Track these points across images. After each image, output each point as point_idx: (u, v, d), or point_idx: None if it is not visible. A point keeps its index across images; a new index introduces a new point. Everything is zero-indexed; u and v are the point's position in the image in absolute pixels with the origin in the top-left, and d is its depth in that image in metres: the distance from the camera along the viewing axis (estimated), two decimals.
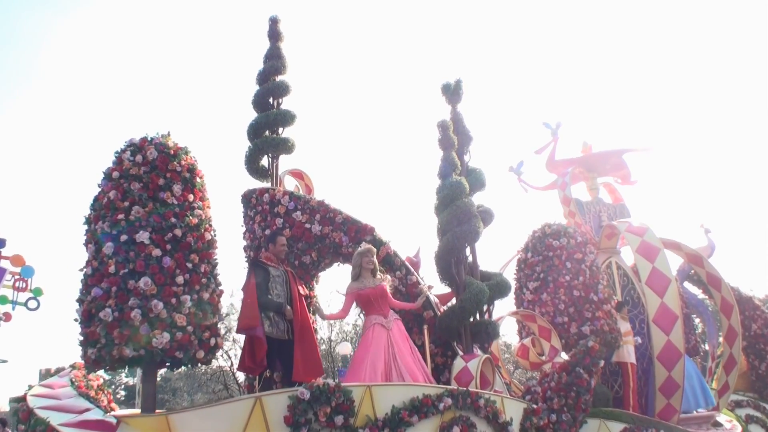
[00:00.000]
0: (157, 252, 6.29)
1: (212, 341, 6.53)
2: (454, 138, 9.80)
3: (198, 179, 6.92)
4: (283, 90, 10.03)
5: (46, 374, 55.41)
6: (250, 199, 9.43)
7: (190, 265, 6.45)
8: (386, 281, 8.25)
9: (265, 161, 9.92)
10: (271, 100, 10.06)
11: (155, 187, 6.56)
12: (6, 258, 18.26)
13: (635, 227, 10.99)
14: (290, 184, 9.90)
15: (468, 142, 10.18)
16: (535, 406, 7.83)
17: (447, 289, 9.46)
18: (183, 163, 6.81)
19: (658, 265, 10.30)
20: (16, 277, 18.37)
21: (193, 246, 6.54)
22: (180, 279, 6.32)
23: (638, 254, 10.49)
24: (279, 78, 10.12)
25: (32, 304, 18.35)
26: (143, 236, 6.28)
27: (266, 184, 9.72)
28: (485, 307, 9.20)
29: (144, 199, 6.47)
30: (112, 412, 6.63)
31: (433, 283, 9.10)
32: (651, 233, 10.68)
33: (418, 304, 8.37)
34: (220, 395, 33.20)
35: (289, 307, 7.73)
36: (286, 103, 10.13)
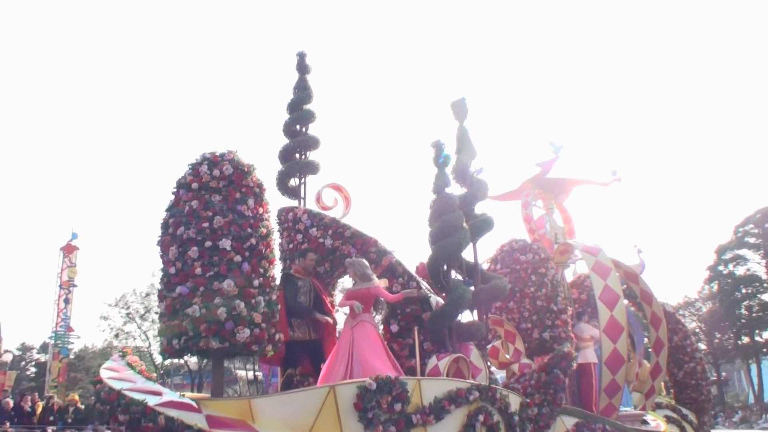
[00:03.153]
0: (237, 258, 7.19)
1: (277, 336, 7.49)
2: (448, 156, 10.77)
3: (264, 194, 7.84)
4: (309, 118, 11.05)
5: None
6: (279, 217, 10.39)
7: (262, 270, 7.40)
8: (371, 285, 9.29)
9: (293, 181, 10.91)
10: (298, 127, 11.02)
11: (233, 200, 7.44)
12: None
13: (590, 247, 12.54)
14: (329, 196, 10.81)
15: (473, 156, 10.96)
16: (528, 400, 9.15)
17: None
18: (254, 179, 7.72)
19: (609, 282, 11.85)
20: None
21: (264, 253, 7.47)
22: (256, 282, 7.26)
23: (593, 272, 12.01)
24: (306, 107, 11.10)
25: None
26: (225, 243, 7.17)
27: (295, 203, 10.70)
28: (476, 309, 10.30)
29: (224, 210, 7.34)
30: (186, 395, 7.42)
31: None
32: (603, 254, 12.25)
33: (395, 298, 9.37)
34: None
35: (318, 314, 8.86)
36: (312, 129, 11.15)
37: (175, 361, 28.63)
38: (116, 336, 29.99)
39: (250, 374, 32.33)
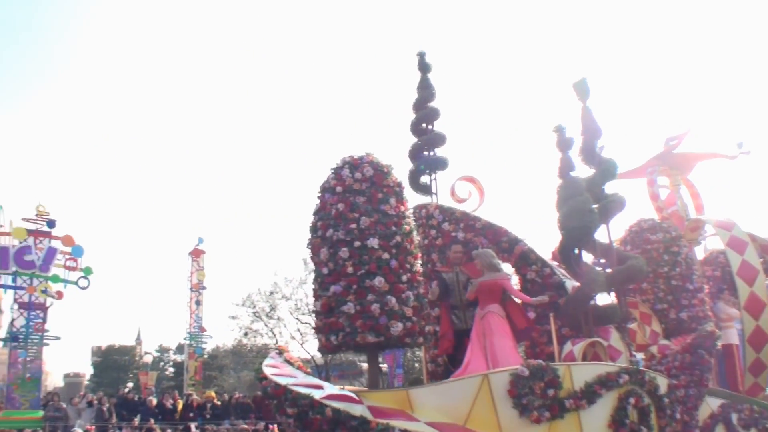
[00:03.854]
0: (385, 256, 7.52)
1: (427, 329, 7.78)
2: (570, 140, 10.71)
3: (404, 192, 8.14)
4: (434, 115, 11.31)
5: (97, 351, 56.50)
6: (413, 214, 10.71)
7: (408, 266, 7.71)
8: (498, 276, 9.40)
9: (424, 178, 11.22)
10: (424, 125, 11.30)
11: (376, 200, 7.78)
12: (57, 238, 19.35)
13: (723, 222, 12.25)
14: (463, 189, 11.05)
15: (598, 135, 10.70)
16: (675, 382, 9.09)
17: None
18: (393, 179, 8.04)
19: (747, 257, 11.56)
20: (67, 256, 19.49)
21: (408, 249, 7.78)
22: (404, 278, 7.57)
23: (729, 247, 11.74)
24: (430, 105, 11.36)
25: (83, 282, 19.50)
26: (373, 242, 7.51)
27: (427, 199, 11.01)
28: (613, 291, 10.24)
29: (369, 210, 7.68)
30: (345, 387, 7.82)
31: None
32: (738, 228, 11.95)
33: (535, 301, 9.47)
34: None
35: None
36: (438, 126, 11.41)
37: (303, 355, 29.57)
38: (245, 334, 31.15)
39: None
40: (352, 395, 7.36)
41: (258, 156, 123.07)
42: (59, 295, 19.05)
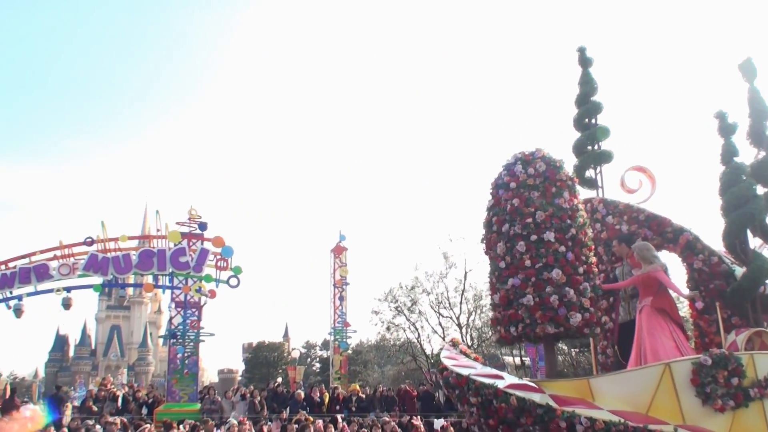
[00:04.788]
0: (562, 248, 7.77)
1: (603, 319, 7.97)
2: (732, 125, 10.47)
3: (576, 186, 8.34)
4: (596, 109, 11.45)
5: (248, 347, 59.86)
6: None
7: (584, 258, 7.92)
8: (653, 269, 9.31)
9: (589, 172, 11.39)
10: (587, 120, 11.45)
11: (550, 195, 8.02)
12: (208, 240, 20.45)
13: None
14: (633, 179, 11.13)
15: (767, 116, 10.40)
16: None
17: None
18: (565, 173, 8.26)
19: None
20: (218, 257, 20.55)
21: (583, 242, 7.99)
22: (581, 269, 7.79)
23: None
24: (593, 99, 11.49)
25: (233, 281, 20.51)
26: (549, 236, 7.77)
27: (593, 193, 11.16)
28: None
29: (544, 204, 7.93)
30: (524, 379, 8.16)
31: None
32: None
33: (687, 296, 9.56)
34: (408, 366, 35.33)
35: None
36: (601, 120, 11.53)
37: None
38: (387, 329, 31.76)
39: (517, 360, 32.94)
40: (533, 384, 7.67)
41: (398, 153, 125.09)
42: (212, 293, 20.13)
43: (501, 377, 7.78)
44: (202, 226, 20.56)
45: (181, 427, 13.97)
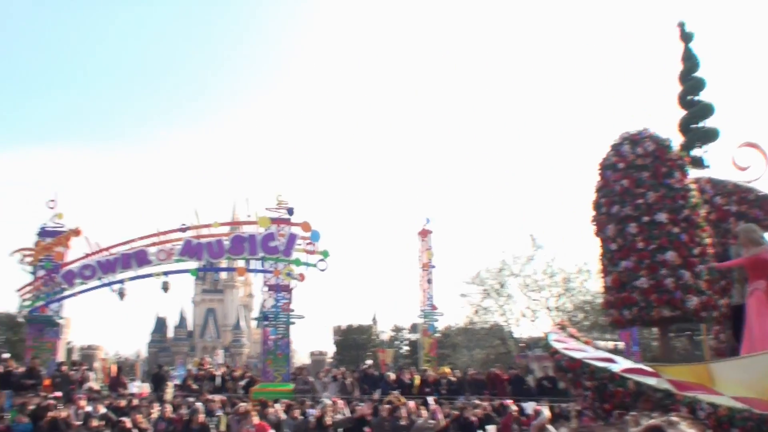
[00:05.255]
0: (675, 230, 7.54)
1: (719, 302, 7.72)
2: None
3: (687, 165, 8.08)
4: (699, 86, 11.09)
5: (337, 330, 61.13)
6: None
7: (698, 239, 7.66)
8: (761, 250, 8.87)
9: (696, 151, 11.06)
10: (689, 97, 11.10)
11: (661, 175, 7.79)
12: (296, 225, 20.69)
13: None
14: (745, 156, 10.77)
15: None
16: None
17: None
18: (675, 152, 8.00)
19: None
20: (306, 241, 20.80)
21: (697, 222, 7.73)
22: (695, 251, 7.55)
23: None
24: (695, 75, 11.12)
25: (321, 265, 20.74)
26: (662, 217, 7.56)
27: (700, 173, 10.83)
28: None
29: (655, 185, 7.71)
30: (644, 363, 7.97)
31: None
32: None
33: None
34: (497, 349, 35.07)
35: None
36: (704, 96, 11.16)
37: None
38: (475, 312, 31.43)
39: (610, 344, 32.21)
40: (648, 368, 7.48)
41: (482, 137, 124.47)
42: (301, 277, 20.49)
43: (614, 361, 7.62)
44: (290, 212, 20.89)
45: (276, 405, 14.33)
